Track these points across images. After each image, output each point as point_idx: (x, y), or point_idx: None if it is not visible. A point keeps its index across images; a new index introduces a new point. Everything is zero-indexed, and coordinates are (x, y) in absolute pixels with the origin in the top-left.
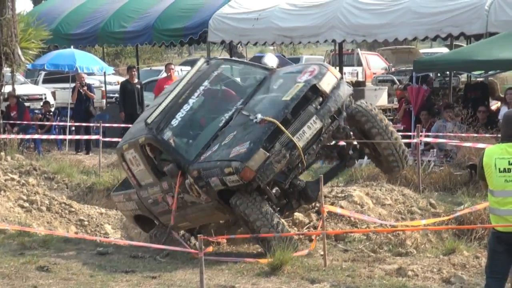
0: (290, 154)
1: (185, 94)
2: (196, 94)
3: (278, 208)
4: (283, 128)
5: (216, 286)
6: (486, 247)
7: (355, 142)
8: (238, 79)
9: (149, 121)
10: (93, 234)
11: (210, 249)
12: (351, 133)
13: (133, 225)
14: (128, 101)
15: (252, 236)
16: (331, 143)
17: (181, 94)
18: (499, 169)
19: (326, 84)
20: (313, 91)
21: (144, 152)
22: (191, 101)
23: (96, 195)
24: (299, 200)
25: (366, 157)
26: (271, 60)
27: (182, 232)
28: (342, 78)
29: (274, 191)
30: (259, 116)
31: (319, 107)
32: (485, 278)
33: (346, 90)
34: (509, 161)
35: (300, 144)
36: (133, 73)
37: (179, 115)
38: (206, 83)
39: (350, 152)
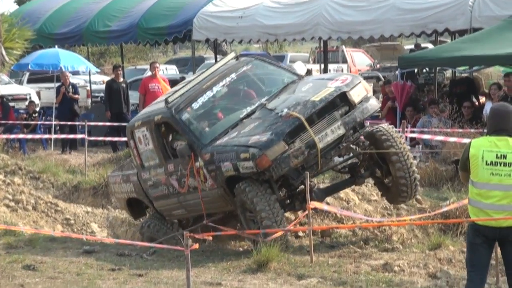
0: (309, 153)
1: (210, 81)
2: (221, 84)
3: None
4: (307, 125)
5: (203, 283)
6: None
7: (369, 153)
8: (265, 78)
9: (169, 99)
10: (79, 232)
11: (196, 246)
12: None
13: (124, 209)
14: (114, 100)
15: (238, 233)
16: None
17: (206, 81)
18: (486, 161)
19: (356, 95)
20: (342, 98)
21: (157, 131)
22: (215, 89)
23: (82, 194)
24: (303, 202)
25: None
26: (300, 68)
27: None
28: (371, 93)
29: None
30: (285, 110)
31: (344, 115)
32: (466, 272)
33: (374, 106)
34: (496, 155)
35: (320, 145)
36: (118, 72)
37: (201, 100)
38: (233, 75)
39: (362, 170)
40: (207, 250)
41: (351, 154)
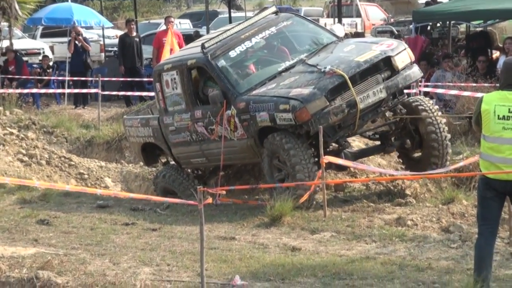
0: (349, 112)
1: (248, 32)
2: (260, 36)
3: None
4: (350, 84)
5: (216, 237)
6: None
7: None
8: (304, 36)
9: (206, 45)
10: (93, 187)
11: (209, 200)
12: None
13: (136, 155)
14: (127, 55)
15: (251, 187)
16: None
17: (244, 32)
18: (498, 115)
19: (400, 61)
20: (386, 63)
21: (189, 76)
22: (254, 40)
23: (95, 149)
24: (331, 165)
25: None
26: (340, 30)
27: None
28: (415, 62)
29: None
30: (328, 66)
31: (387, 79)
32: (477, 226)
33: (417, 74)
34: (509, 109)
35: (361, 106)
36: (131, 26)
37: (239, 49)
38: (273, 29)
39: (393, 139)
40: (221, 205)
41: (386, 121)
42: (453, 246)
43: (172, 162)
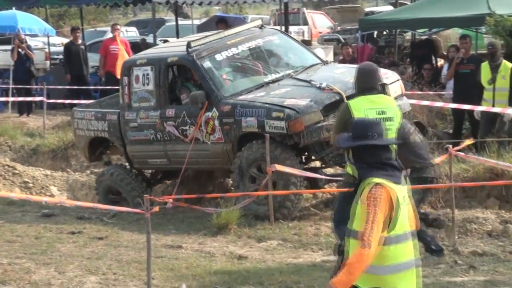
0: None
1: (235, 39)
2: (246, 45)
3: None
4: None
5: (163, 246)
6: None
7: None
8: (290, 53)
9: (193, 44)
10: (38, 196)
11: (156, 209)
12: None
13: (81, 149)
14: (73, 63)
15: (198, 196)
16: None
17: (229, 38)
18: None
19: (393, 90)
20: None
21: (165, 73)
22: (240, 47)
23: (41, 157)
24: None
25: None
26: (321, 53)
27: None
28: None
29: None
30: (325, 83)
31: None
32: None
33: (407, 106)
34: (376, 111)
35: None
36: (77, 34)
37: (225, 54)
38: (260, 41)
39: None
40: (168, 213)
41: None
42: None
43: (115, 163)
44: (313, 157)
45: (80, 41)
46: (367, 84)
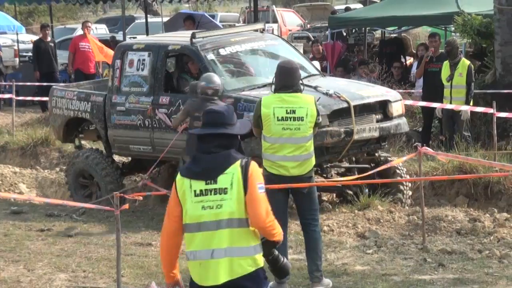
0: (343, 138)
1: (238, 38)
2: (250, 45)
3: None
4: (353, 112)
5: (133, 244)
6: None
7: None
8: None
9: (197, 35)
10: (7, 193)
11: (126, 206)
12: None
13: (56, 128)
14: (43, 60)
15: (168, 193)
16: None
17: (235, 36)
18: (278, 117)
19: (395, 109)
20: (382, 106)
21: (164, 60)
22: (244, 46)
23: (9, 154)
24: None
25: None
26: (318, 66)
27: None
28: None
29: None
30: (332, 90)
31: (379, 122)
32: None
33: (405, 127)
34: (286, 110)
35: (356, 137)
36: (46, 31)
37: (229, 49)
38: (262, 43)
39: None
40: (138, 211)
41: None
42: (368, 252)
43: (88, 147)
44: None
45: (49, 39)
46: (284, 82)
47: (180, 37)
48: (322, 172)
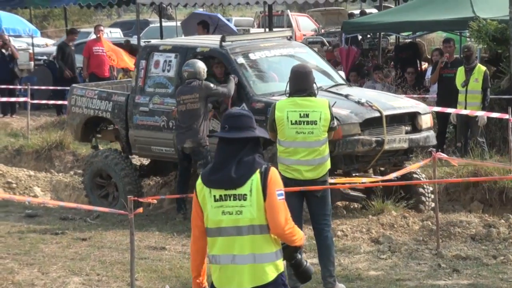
0: (374, 148)
1: (268, 44)
2: (279, 51)
3: None
4: (384, 121)
5: (147, 247)
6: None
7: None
8: (317, 69)
9: (227, 39)
10: (22, 196)
11: (140, 210)
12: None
13: (73, 127)
14: (66, 64)
15: (181, 197)
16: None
17: (264, 41)
18: (291, 121)
19: (424, 121)
20: (411, 117)
21: None
22: (273, 51)
23: (24, 158)
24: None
25: None
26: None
27: None
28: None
29: None
30: (364, 99)
31: (408, 133)
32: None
33: (434, 140)
34: (300, 114)
35: (386, 146)
36: (74, 37)
37: (258, 54)
38: (290, 50)
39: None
40: (152, 214)
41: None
42: (382, 257)
43: (102, 148)
44: (339, 170)
45: (71, 44)
46: (298, 86)
47: (209, 40)
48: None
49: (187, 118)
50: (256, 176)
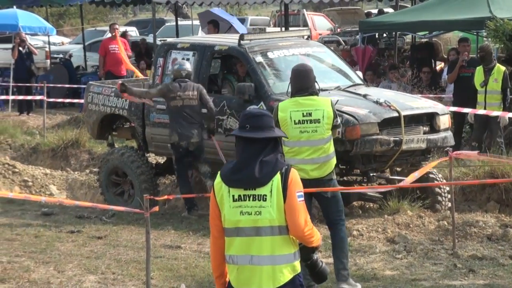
0: (392, 148)
1: (286, 43)
2: (297, 50)
3: None
4: (403, 121)
5: (162, 246)
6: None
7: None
8: (335, 68)
9: (246, 37)
10: (37, 195)
11: (156, 209)
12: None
13: (90, 124)
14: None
15: (199, 196)
16: None
17: (282, 40)
18: (294, 121)
19: (442, 122)
20: (429, 118)
21: (210, 60)
22: (291, 50)
23: (40, 156)
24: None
25: None
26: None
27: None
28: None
29: None
30: (382, 99)
31: (426, 133)
32: None
33: (452, 140)
34: (302, 113)
35: (404, 147)
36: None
37: (276, 53)
38: (309, 49)
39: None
40: (167, 213)
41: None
42: (398, 257)
43: (118, 146)
44: (356, 170)
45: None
46: (299, 85)
47: (227, 38)
48: (367, 180)
49: (196, 113)
50: (277, 177)
